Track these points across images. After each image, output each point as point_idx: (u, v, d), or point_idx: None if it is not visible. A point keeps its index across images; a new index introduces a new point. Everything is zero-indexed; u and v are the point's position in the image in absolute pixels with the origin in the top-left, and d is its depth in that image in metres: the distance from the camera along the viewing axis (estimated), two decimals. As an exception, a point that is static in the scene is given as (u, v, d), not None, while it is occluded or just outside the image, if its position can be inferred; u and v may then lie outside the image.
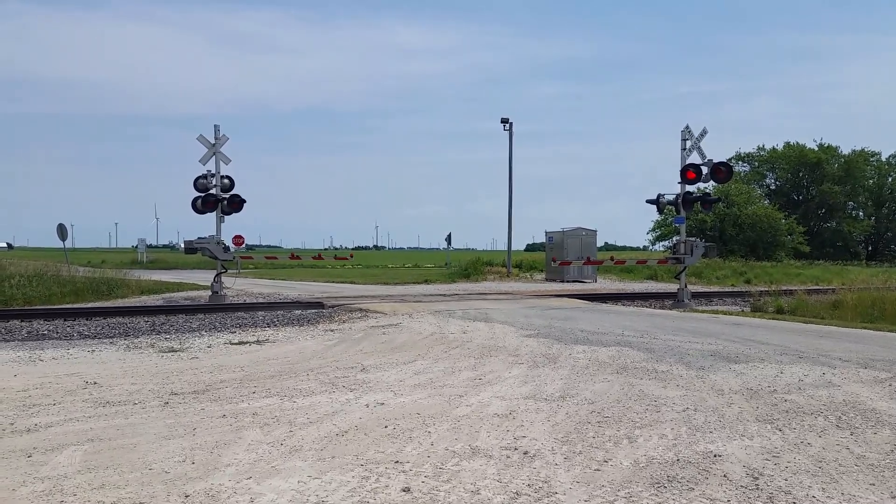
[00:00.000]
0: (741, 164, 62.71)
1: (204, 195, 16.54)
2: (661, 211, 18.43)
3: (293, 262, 30.16)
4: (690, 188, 17.31)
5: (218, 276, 16.96)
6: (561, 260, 24.56)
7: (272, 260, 33.51)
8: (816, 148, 60.89)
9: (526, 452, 4.35)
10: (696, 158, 16.84)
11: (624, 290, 23.04)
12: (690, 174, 16.74)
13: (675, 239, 19.30)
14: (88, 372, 7.34)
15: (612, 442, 4.59)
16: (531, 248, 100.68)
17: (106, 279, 19.62)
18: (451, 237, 44.76)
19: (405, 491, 3.68)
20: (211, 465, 4.13)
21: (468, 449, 4.43)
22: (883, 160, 62.90)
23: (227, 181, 16.84)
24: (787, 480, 3.87)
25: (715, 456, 4.28)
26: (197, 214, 16.68)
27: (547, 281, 27.79)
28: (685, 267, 17.57)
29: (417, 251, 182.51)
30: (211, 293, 17.01)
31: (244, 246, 20.07)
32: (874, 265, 46.82)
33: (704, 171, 16.71)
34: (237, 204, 16.83)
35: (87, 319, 12.90)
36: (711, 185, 34.61)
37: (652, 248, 52.21)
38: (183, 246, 18.22)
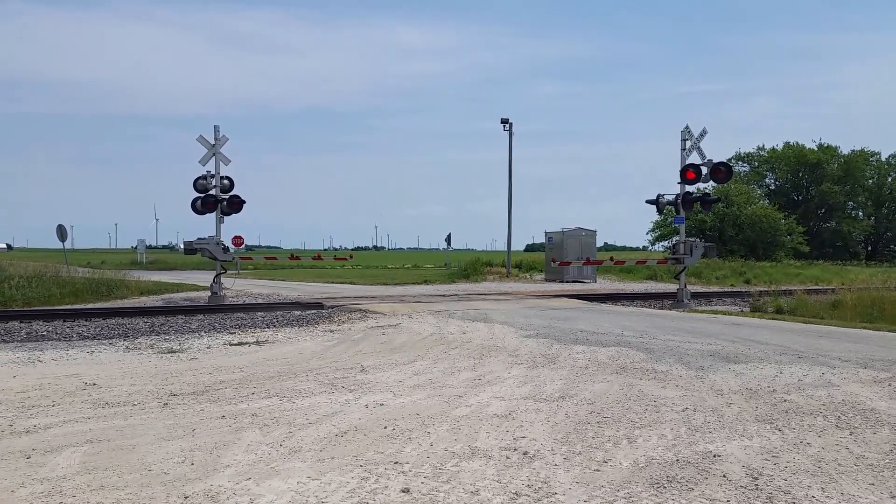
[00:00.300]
0: (741, 164, 62.77)
1: (203, 196, 16.54)
2: (660, 211, 18.43)
3: (293, 262, 30.13)
4: (690, 188, 17.32)
5: (217, 276, 16.96)
6: (560, 260, 24.57)
7: (272, 260, 33.49)
8: (816, 148, 60.94)
9: (525, 453, 4.34)
10: (695, 158, 16.86)
11: (623, 290, 23.05)
12: (690, 174, 16.75)
13: (674, 239, 19.30)
14: (87, 373, 7.33)
15: (611, 442, 4.58)
16: (531, 248, 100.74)
17: (105, 280, 19.62)
18: (450, 237, 44.75)
19: (404, 492, 3.68)
20: (210, 466, 4.12)
21: (468, 449, 4.43)
22: (882, 160, 62.98)
23: (226, 182, 16.84)
24: (786, 480, 3.87)
25: (714, 456, 4.28)
26: (196, 215, 16.69)
27: (546, 281, 27.80)
28: (685, 267, 17.57)
29: (417, 251, 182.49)
30: (210, 294, 17.01)
31: (244, 246, 20.07)
32: (874, 265, 46.86)
33: (704, 171, 16.72)
34: (237, 205, 16.83)
35: (86, 320, 12.90)
36: (711, 185, 34.61)
37: (651, 248, 52.25)
38: (182, 247, 18.23)
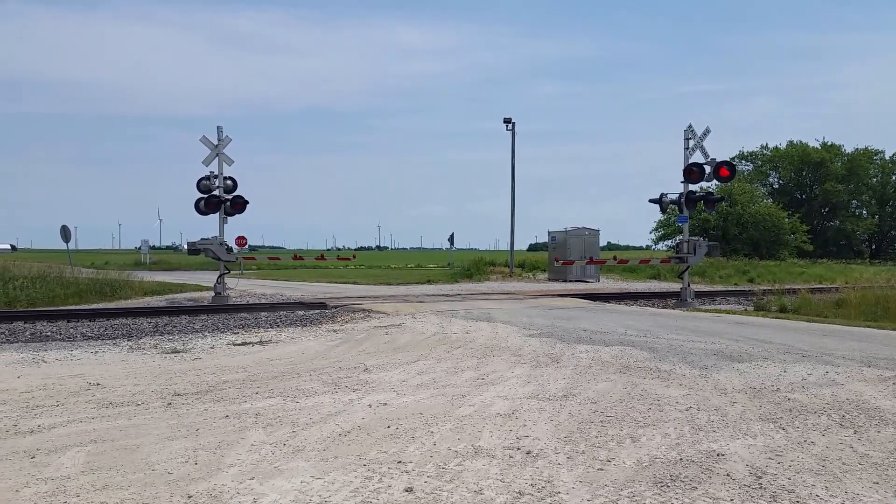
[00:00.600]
0: (744, 163, 62.65)
1: (207, 196, 16.56)
2: (663, 210, 18.42)
3: (296, 262, 30.14)
4: (693, 187, 17.30)
5: (221, 276, 16.99)
6: (564, 260, 24.55)
7: (275, 261, 33.56)
8: (819, 147, 60.82)
9: (529, 452, 4.34)
10: (699, 158, 16.83)
11: (627, 289, 23.02)
12: (693, 173, 16.72)
13: (678, 238, 19.26)
14: (92, 373, 7.35)
15: (615, 441, 4.58)
16: (534, 247, 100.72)
17: (109, 280, 19.66)
18: (453, 237, 44.73)
19: (408, 491, 3.68)
20: (214, 465, 4.13)
21: (471, 449, 4.43)
22: (886, 159, 62.81)
23: (229, 182, 16.86)
24: (790, 479, 3.86)
25: (718, 455, 4.28)
26: (200, 215, 16.72)
27: (550, 281, 27.78)
28: (688, 266, 17.55)
29: (420, 251, 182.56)
30: (214, 294, 17.04)
31: (247, 247, 20.09)
32: (878, 264, 46.70)
33: (707, 170, 16.69)
34: (240, 205, 16.85)
35: (90, 321, 12.93)
36: (714, 184, 34.57)
37: (655, 247, 52.16)
38: (186, 247, 18.25)
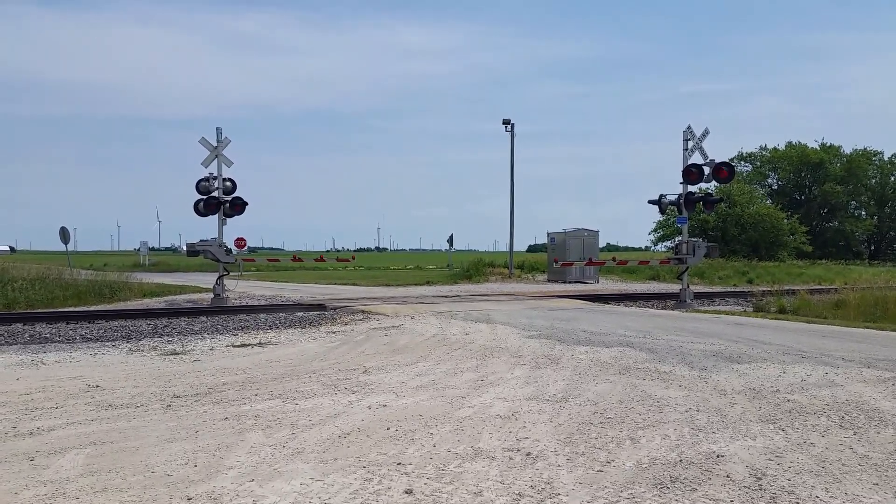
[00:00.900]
0: (743, 163, 62.68)
1: (206, 198, 16.56)
2: (663, 211, 18.43)
3: (295, 264, 30.16)
4: (692, 188, 17.31)
5: (220, 278, 16.99)
6: (563, 261, 24.56)
7: (274, 262, 33.54)
8: (818, 148, 60.86)
9: (528, 454, 4.34)
10: (698, 159, 16.85)
11: (626, 290, 23.02)
12: (692, 174, 16.73)
13: (677, 239, 19.28)
14: (91, 375, 7.35)
15: (614, 443, 4.58)
16: (533, 249, 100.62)
17: (108, 282, 19.65)
18: (452, 238, 44.80)
19: (407, 493, 3.67)
20: (213, 467, 4.13)
21: (470, 450, 4.42)
22: (885, 159, 62.87)
23: (229, 184, 16.86)
24: (790, 480, 3.86)
25: (718, 456, 4.28)
26: (199, 217, 16.72)
27: (549, 282, 27.78)
28: (687, 267, 17.55)
29: (419, 252, 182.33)
30: (213, 296, 17.03)
31: (246, 248, 20.08)
32: (877, 265, 46.69)
33: (706, 171, 16.71)
34: (239, 206, 16.86)
35: (89, 322, 12.92)
36: (714, 185, 34.62)
37: (654, 248, 52.10)
38: (185, 248, 18.26)
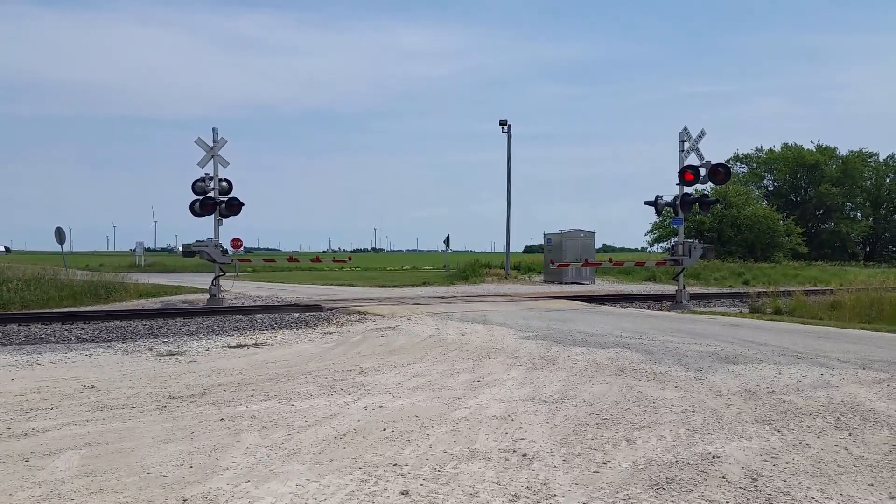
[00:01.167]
0: (739, 165, 62.81)
1: (202, 198, 16.54)
2: (659, 213, 18.42)
3: (291, 264, 30.14)
4: (688, 190, 17.32)
5: (216, 279, 16.96)
6: (559, 262, 24.57)
7: (270, 262, 33.54)
8: (814, 149, 61.03)
9: (524, 454, 4.34)
10: (694, 160, 16.86)
11: (622, 291, 23.05)
12: (688, 176, 16.75)
13: (673, 240, 19.31)
14: (86, 376, 7.32)
15: (610, 444, 4.58)
16: (529, 249, 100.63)
17: (104, 283, 19.60)
18: (449, 239, 44.77)
19: (403, 494, 3.67)
20: (209, 468, 4.12)
21: (467, 451, 4.42)
22: (880, 161, 63.11)
23: (225, 184, 16.84)
24: (785, 481, 3.87)
25: (713, 457, 4.28)
26: (195, 217, 16.69)
27: (545, 283, 27.80)
28: (683, 268, 17.58)
29: (416, 253, 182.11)
30: (209, 296, 17.00)
31: (242, 249, 20.06)
32: (872, 266, 46.85)
33: (702, 172, 16.72)
34: (235, 207, 16.83)
35: (84, 323, 12.89)
36: (709, 186, 34.64)
37: (650, 249, 52.25)
38: (181, 249, 18.23)
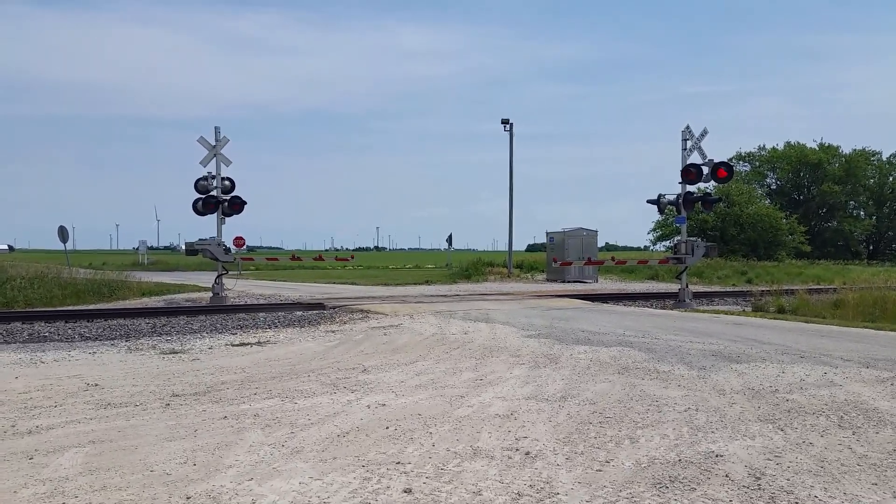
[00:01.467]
0: (742, 163, 62.64)
1: (205, 197, 16.54)
2: (661, 211, 18.41)
3: (294, 263, 30.10)
4: (691, 188, 17.31)
5: (219, 277, 16.97)
6: (562, 260, 24.54)
7: (273, 261, 33.49)
8: (817, 148, 60.87)
9: (527, 453, 4.34)
10: (696, 158, 16.85)
11: (625, 290, 23.02)
12: (691, 174, 16.73)
13: (676, 239, 19.28)
14: (90, 374, 7.34)
15: (613, 442, 4.58)
16: (532, 248, 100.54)
17: (107, 281, 19.63)
18: (451, 238, 44.75)
19: (406, 492, 3.67)
20: (212, 466, 4.12)
21: (470, 450, 4.42)
22: (883, 160, 62.89)
23: (227, 183, 16.85)
24: (789, 480, 3.86)
25: (717, 456, 4.28)
26: (198, 216, 16.71)
27: (548, 281, 27.78)
28: (686, 267, 17.56)
29: (418, 252, 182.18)
30: (212, 295, 17.02)
31: (245, 247, 20.06)
32: (875, 264, 46.70)
33: (705, 171, 16.70)
34: (238, 205, 16.84)
35: (88, 321, 12.91)
36: (712, 184, 34.60)
37: (653, 248, 52.06)
38: (184, 247, 18.25)
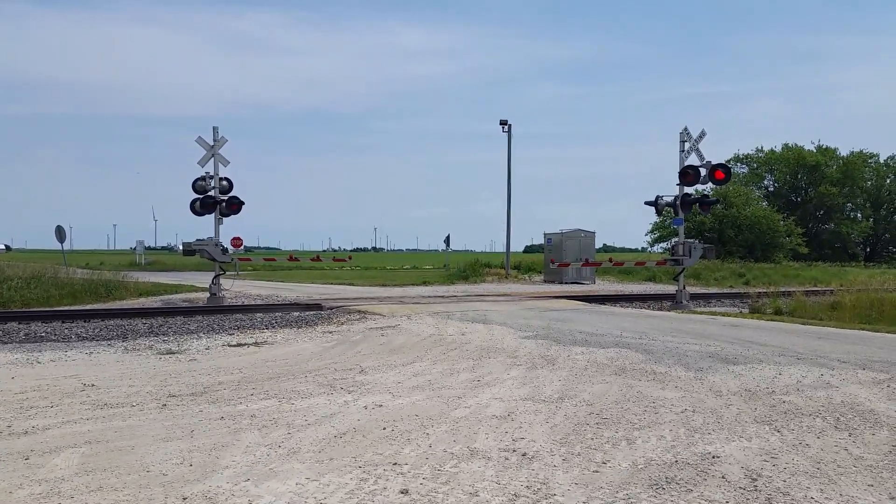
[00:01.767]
0: (739, 165, 62.76)
1: (202, 197, 16.54)
2: (659, 213, 18.42)
3: (291, 263, 30.12)
4: (689, 190, 17.32)
5: (216, 277, 16.95)
6: (559, 261, 24.57)
7: (270, 261, 33.52)
8: (814, 150, 61.01)
9: (524, 454, 4.34)
10: (694, 160, 16.86)
11: (622, 291, 23.04)
12: (689, 176, 16.75)
13: (673, 241, 19.29)
14: (86, 374, 7.33)
15: (610, 443, 4.58)
16: (529, 249, 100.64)
17: (104, 281, 19.59)
18: (449, 239, 44.72)
19: (403, 493, 3.67)
20: (209, 467, 4.12)
21: (466, 450, 4.42)
22: (881, 162, 63.08)
23: (225, 183, 16.84)
24: (785, 482, 3.87)
25: (713, 457, 4.28)
26: (195, 216, 16.70)
27: (545, 282, 27.79)
28: (683, 268, 17.58)
29: (416, 253, 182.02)
30: (209, 295, 17.00)
31: (242, 248, 20.06)
32: (872, 266, 46.77)
33: (703, 172, 16.72)
34: (236, 206, 16.83)
35: (85, 321, 12.88)
36: (710, 186, 34.64)
37: (650, 249, 52.20)
38: (181, 248, 18.22)
